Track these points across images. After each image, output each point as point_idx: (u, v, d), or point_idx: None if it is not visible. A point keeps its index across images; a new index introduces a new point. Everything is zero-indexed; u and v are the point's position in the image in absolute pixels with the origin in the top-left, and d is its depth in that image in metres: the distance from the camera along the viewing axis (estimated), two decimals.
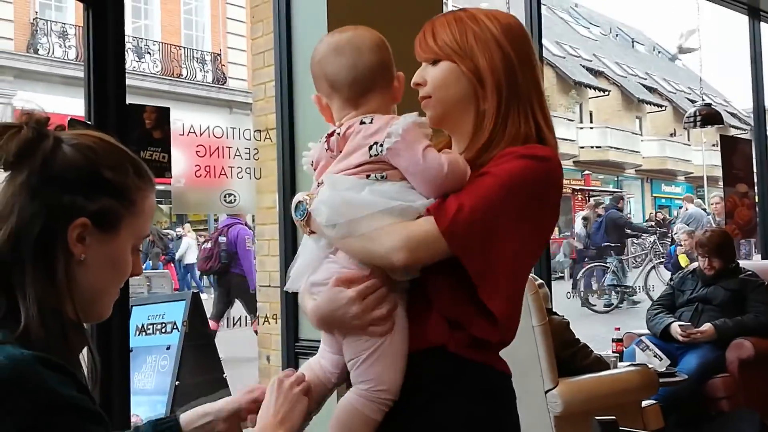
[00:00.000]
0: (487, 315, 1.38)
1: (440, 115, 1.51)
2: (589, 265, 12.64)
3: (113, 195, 1.15)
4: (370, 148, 1.39)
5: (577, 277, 12.72)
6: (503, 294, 1.39)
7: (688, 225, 13.72)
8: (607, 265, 12.20)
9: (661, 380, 3.91)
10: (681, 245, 10.83)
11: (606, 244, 12.55)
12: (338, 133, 1.44)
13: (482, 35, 1.48)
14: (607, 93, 31.47)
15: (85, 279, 1.14)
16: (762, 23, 6.86)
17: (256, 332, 3.75)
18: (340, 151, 1.43)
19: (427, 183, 1.38)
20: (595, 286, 12.25)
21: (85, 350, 1.15)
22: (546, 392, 3.17)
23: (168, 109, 3.39)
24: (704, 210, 16.37)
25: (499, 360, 1.47)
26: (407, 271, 1.39)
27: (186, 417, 1.41)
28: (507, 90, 1.46)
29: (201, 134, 3.37)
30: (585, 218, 13.99)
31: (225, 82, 18.10)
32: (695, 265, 4.99)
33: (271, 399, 1.39)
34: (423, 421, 1.41)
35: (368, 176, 1.39)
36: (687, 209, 15.62)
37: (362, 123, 1.42)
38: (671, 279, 5.57)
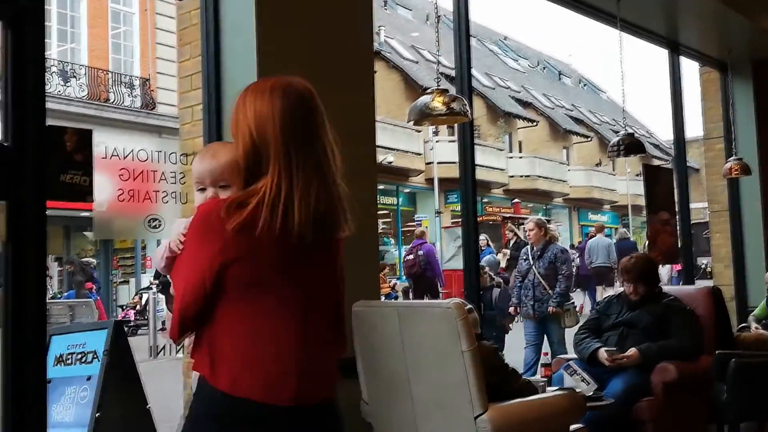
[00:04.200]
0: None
1: None
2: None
3: None
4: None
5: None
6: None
7: (590, 256, 14.47)
8: None
9: (588, 404, 3.95)
10: None
11: None
12: None
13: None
14: (535, 124, 32.17)
15: None
16: (681, 57, 7.12)
17: None
18: None
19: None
20: None
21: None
22: (476, 418, 3.15)
23: (90, 131, 3.29)
24: (629, 239, 16.74)
25: (226, 378, 1.72)
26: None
27: None
28: None
29: (125, 157, 3.28)
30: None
31: (154, 108, 17.81)
32: (621, 289, 5.09)
33: None
34: None
35: None
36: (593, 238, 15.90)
37: None
38: (598, 303, 5.67)
